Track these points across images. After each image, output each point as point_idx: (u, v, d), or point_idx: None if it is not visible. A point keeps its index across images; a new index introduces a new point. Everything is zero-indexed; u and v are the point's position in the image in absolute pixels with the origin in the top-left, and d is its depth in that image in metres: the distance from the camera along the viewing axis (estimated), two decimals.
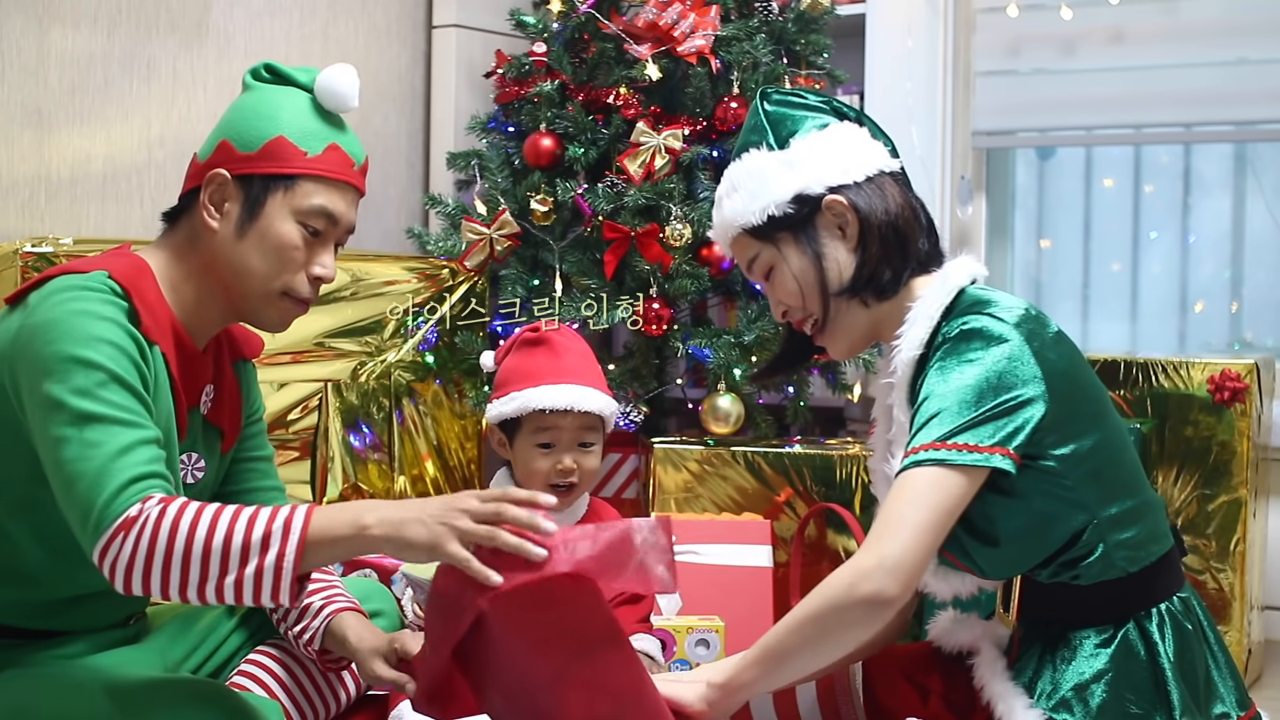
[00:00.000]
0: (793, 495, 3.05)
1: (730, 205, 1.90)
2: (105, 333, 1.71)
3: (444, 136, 3.74)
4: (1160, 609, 1.77)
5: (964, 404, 1.69)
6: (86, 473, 1.62)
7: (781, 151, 1.87)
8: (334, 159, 1.88)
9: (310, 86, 1.90)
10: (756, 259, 1.91)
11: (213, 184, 1.85)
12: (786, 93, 1.94)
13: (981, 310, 1.76)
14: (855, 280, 1.85)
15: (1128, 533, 1.75)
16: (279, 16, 3.46)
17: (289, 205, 1.85)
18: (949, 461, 1.66)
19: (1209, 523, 2.88)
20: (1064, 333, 1.81)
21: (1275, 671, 3.13)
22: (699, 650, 2.68)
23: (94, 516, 1.60)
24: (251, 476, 2.08)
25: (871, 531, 1.68)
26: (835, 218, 1.85)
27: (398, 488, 3.20)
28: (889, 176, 1.88)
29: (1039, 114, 3.75)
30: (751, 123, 1.92)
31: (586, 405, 2.16)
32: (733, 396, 3.18)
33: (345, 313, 3.16)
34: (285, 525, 1.60)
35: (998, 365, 1.70)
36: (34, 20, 2.96)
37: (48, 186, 2.99)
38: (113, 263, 1.82)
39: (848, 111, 1.93)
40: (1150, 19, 3.57)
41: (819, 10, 3.37)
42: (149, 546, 1.59)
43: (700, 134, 3.27)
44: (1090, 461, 1.74)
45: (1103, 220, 3.97)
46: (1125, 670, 1.74)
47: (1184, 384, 2.89)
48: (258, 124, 1.86)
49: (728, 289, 3.35)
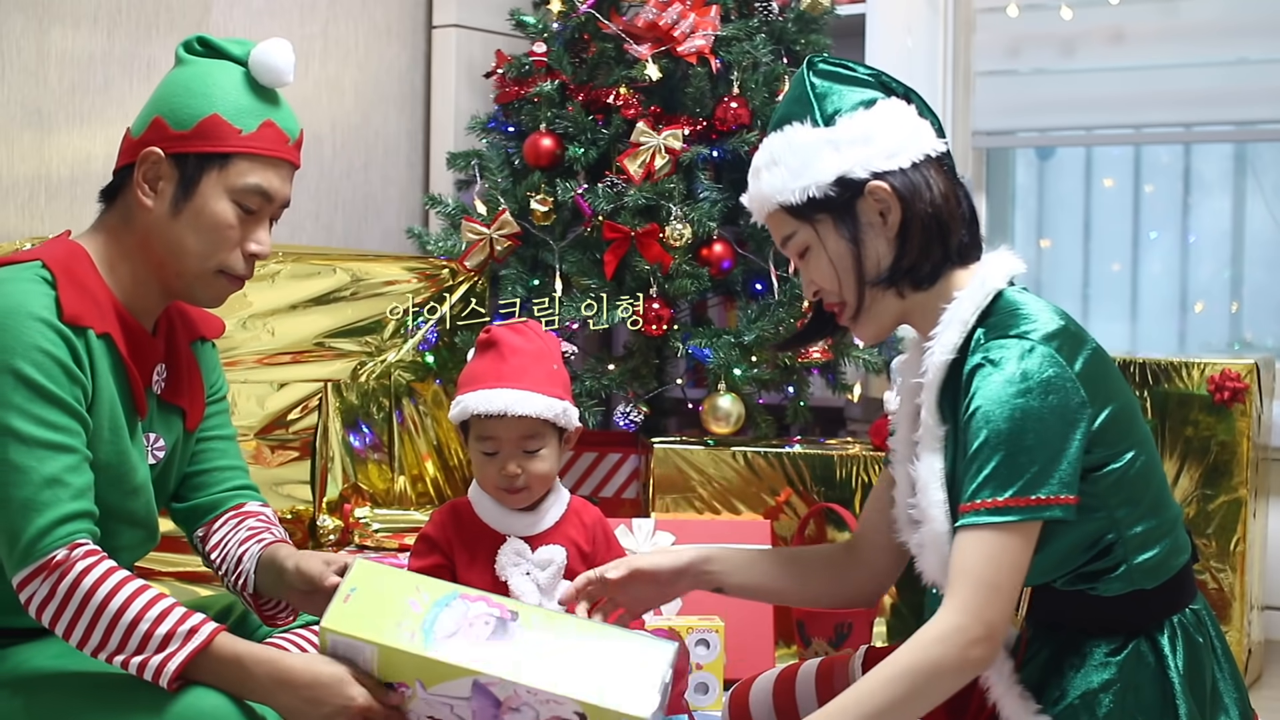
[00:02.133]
0: (793, 495, 3.05)
1: (769, 179, 1.83)
2: (37, 338, 1.73)
3: (444, 136, 3.75)
4: (1173, 621, 1.75)
5: (1026, 450, 1.66)
6: (14, 499, 1.70)
7: (826, 129, 1.80)
8: (268, 136, 1.86)
9: (244, 59, 1.88)
10: (792, 237, 1.84)
11: (146, 162, 1.84)
12: (834, 62, 1.86)
13: (1019, 331, 1.71)
14: (894, 270, 1.79)
15: (1150, 551, 1.74)
16: (279, 16, 3.46)
17: (224, 184, 1.84)
18: (1026, 519, 1.66)
19: (1209, 523, 2.88)
20: (1100, 347, 1.77)
21: (1275, 671, 3.13)
22: (699, 650, 2.68)
23: (20, 547, 1.70)
24: (212, 456, 2.06)
25: (967, 594, 1.66)
26: (878, 204, 1.79)
27: (398, 488, 3.20)
28: (934, 161, 1.81)
29: (1039, 114, 3.75)
30: (795, 93, 1.84)
31: (521, 409, 2.09)
32: (733, 396, 3.17)
33: (345, 313, 3.16)
34: (189, 632, 1.72)
35: (1046, 401, 1.67)
36: (34, 20, 2.96)
37: (48, 186, 2.99)
38: (48, 251, 1.83)
39: (895, 86, 1.85)
40: (1150, 19, 3.57)
41: (819, 10, 3.37)
42: (64, 597, 1.70)
43: (700, 134, 3.27)
44: (1126, 479, 1.73)
45: (1103, 220, 3.97)
46: (1133, 682, 1.72)
47: (1184, 384, 2.89)
48: (191, 101, 1.84)
49: (728, 289, 3.35)
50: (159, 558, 2.64)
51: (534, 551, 2.12)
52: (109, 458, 1.83)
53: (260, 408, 3.03)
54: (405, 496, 3.20)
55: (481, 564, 2.13)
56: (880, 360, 3.24)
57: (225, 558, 2.00)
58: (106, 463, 1.83)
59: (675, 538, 2.91)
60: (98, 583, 1.70)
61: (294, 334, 3.09)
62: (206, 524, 2.05)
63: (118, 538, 1.87)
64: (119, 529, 1.87)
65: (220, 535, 2.02)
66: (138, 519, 1.92)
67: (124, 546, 1.90)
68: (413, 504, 3.19)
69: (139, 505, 1.91)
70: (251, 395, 3.02)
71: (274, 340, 3.05)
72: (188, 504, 2.05)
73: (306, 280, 3.10)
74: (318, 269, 3.13)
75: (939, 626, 1.65)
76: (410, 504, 3.19)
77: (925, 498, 1.77)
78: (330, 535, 3.03)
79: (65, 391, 1.74)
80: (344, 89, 3.64)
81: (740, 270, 3.28)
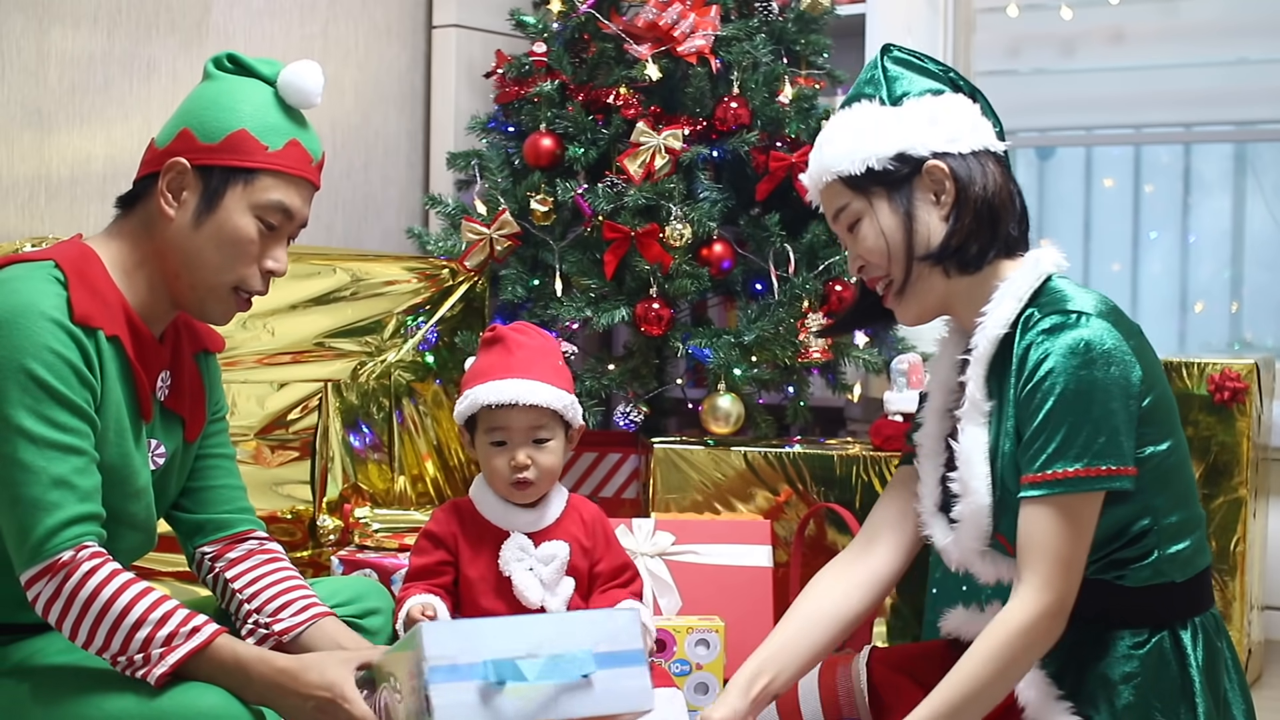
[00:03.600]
0: (793, 495, 3.05)
1: (831, 150, 1.88)
2: (49, 338, 1.74)
3: (444, 136, 3.75)
4: (1196, 621, 1.77)
5: (1093, 421, 1.70)
6: (24, 498, 1.72)
7: (893, 107, 1.87)
8: (294, 154, 1.88)
9: (273, 79, 1.90)
10: (846, 208, 1.89)
11: (171, 171, 1.85)
12: (908, 52, 1.93)
13: (1074, 308, 1.75)
14: (943, 248, 1.83)
15: (1181, 543, 1.76)
16: (279, 16, 3.46)
17: (248, 199, 1.86)
18: (1096, 489, 1.70)
19: (1209, 523, 2.88)
20: (1144, 335, 1.82)
21: (1275, 671, 3.13)
22: (699, 650, 2.68)
23: (29, 545, 1.72)
24: (217, 473, 2.08)
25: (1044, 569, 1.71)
26: (933, 183, 1.84)
27: (398, 488, 3.20)
28: (992, 156, 1.87)
29: (1039, 114, 3.75)
30: (868, 75, 1.92)
31: (532, 399, 2.14)
32: (733, 396, 3.17)
33: (345, 313, 3.16)
34: (190, 633, 1.75)
35: (1109, 373, 1.71)
36: (34, 20, 2.96)
37: (48, 186, 2.99)
38: (60, 252, 1.84)
39: (964, 85, 1.93)
40: (1150, 19, 3.58)
41: (819, 10, 3.37)
42: (69, 597, 1.72)
43: (700, 134, 3.27)
44: (1164, 466, 1.75)
45: (1103, 220, 3.97)
46: (1155, 676, 1.74)
47: (1184, 384, 2.89)
48: (220, 115, 1.86)
49: (728, 289, 3.35)
50: (159, 558, 2.64)
51: (537, 547, 2.15)
52: (114, 459, 1.84)
53: (260, 408, 3.03)
54: (405, 496, 3.21)
55: (485, 559, 2.15)
56: (880, 360, 3.24)
57: (254, 596, 2.01)
58: (111, 464, 1.83)
59: (675, 537, 2.91)
60: (102, 584, 1.72)
61: (294, 334, 3.09)
62: (217, 543, 2.07)
63: (118, 540, 1.88)
64: (120, 531, 1.88)
65: (246, 569, 2.04)
66: (138, 522, 1.93)
67: (124, 549, 1.92)
68: (413, 504, 3.19)
69: (140, 509, 1.92)
70: (251, 395, 3.02)
71: (274, 340, 3.05)
72: (195, 516, 2.07)
73: (306, 280, 3.10)
74: (318, 269, 3.13)
75: (1023, 608, 1.71)
76: (410, 504, 3.19)
77: (969, 470, 1.80)
78: (330, 535, 3.04)
79: (76, 393, 1.76)
80: (344, 89, 3.64)
81: (740, 270, 3.28)
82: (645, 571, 2.86)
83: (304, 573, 2.95)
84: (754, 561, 2.93)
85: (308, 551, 3.03)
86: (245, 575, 2.03)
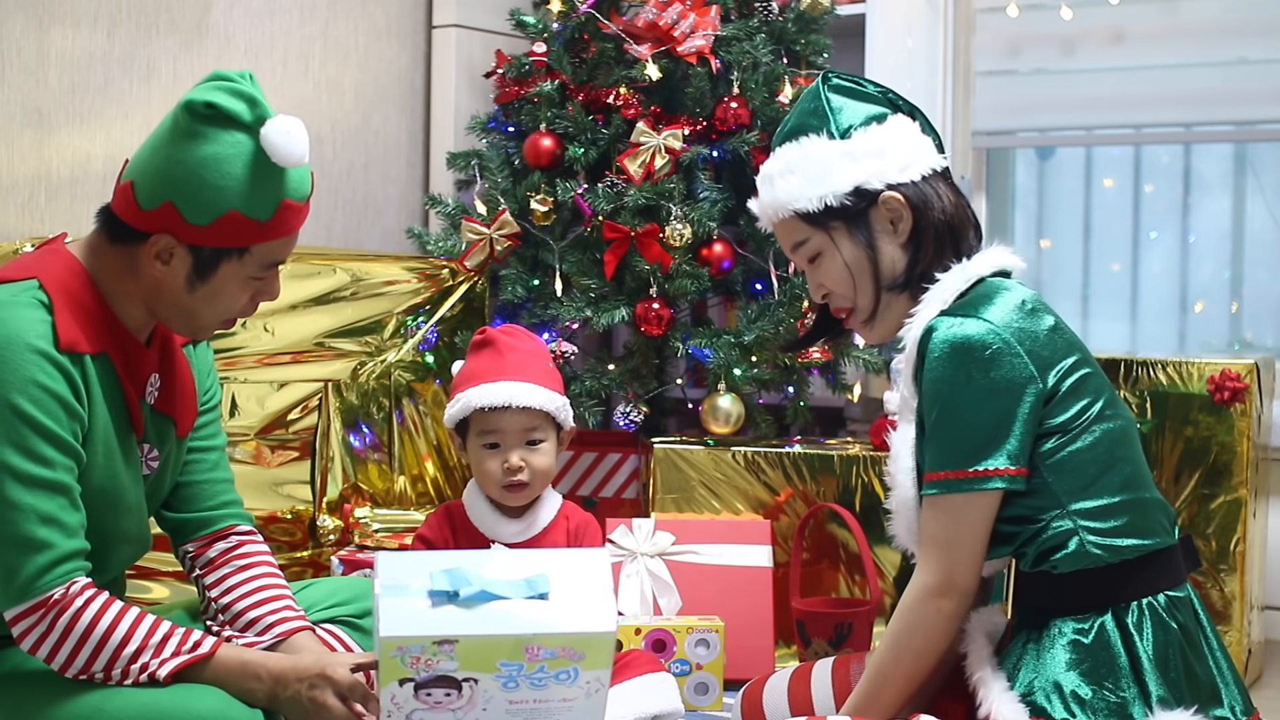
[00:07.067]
0: (793, 495, 3.05)
1: (785, 186, 1.93)
2: (35, 372, 1.73)
3: (444, 136, 3.74)
4: (1140, 604, 1.80)
5: (967, 424, 1.78)
6: (10, 536, 1.72)
7: (843, 141, 1.92)
8: (285, 218, 1.83)
9: (254, 125, 1.79)
10: (805, 243, 1.95)
11: (159, 244, 1.81)
12: (847, 78, 1.99)
13: (972, 312, 1.81)
14: (908, 275, 1.91)
15: (1105, 524, 1.80)
16: (279, 16, 3.46)
17: (243, 271, 1.85)
18: (972, 489, 1.79)
19: (1209, 523, 2.88)
20: (1061, 326, 1.86)
21: (1275, 671, 3.13)
22: (699, 650, 2.68)
23: (16, 584, 1.72)
24: (202, 467, 2.07)
25: (928, 554, 1.82)
26: (889, 212, 1.91)
27: (398, 488, 3.20)
28: (939, 175, 1.95)
29: (1039, 114, 3.75)
30: (811, 106, 1.96)
31: (524, 401, 2.15)
32: (733, 396, 3.17)
33: (345, 313, 3.16)
34: (194, 645, 1.78)
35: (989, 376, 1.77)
36: (34, 20, 2.96)
37: (48, 186, 2.99)
38: (45, 268, 1.81)
39: (901, 104, 1.98)
40: (1150, 19, 3.57)
41: (819, 10, 3.37)
42: (63, 631, 1.73)
43: (700, 134, 3.27)
44: (1079, 457, 1.80)
45: (1103, 220, 3.97)
46: (1102, 659, 1.77)
47: (1184, 384, 2.89)
48: (206, 195, 1.77)
49: (728, 289, 3.35)
50: (158, 558, 2.63)
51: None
52: (103, 482, 1.84)
53: (260, 408, 3.03)
54: (405, 496, 3.21)
55: None
56: (880, 360, 3.24)
57: (226, 608, 2.00)
58: (100, 487, 1.83)
59: (675, 537, 2.91)
60: (98, 616, 1.74)
61: (294, 334, 3.09)
62: (197, 542, 2.07)
63: (112, 555, 1.89)
64: (113, 547, 1.89)
65: (220, 577, 2.03)
66: (130, 536, 1.94)
67: (117, 561, 1.93)
68: (413, 504, 3.19)
69: (131, 524, 1.93)
70: (251, 395, 3.02)
71: (274, 340, 3.05)
72: (179, 516, 2.06)
73: (306, 280, 3.10)
74: (318, 269, 3.13)
75: (910, 589, 1.83)
76: (410, 504, 3.19)
77: (895, 464, 1.90)
78: (330, 535, 3.04)
79: (63, 427, 1.75)
80: (344, 89, 3.64)
81: (740, 270, 3.28)
82: (645, 571, 2.86)
83: (304, 573, 2.98)
84: (754, 561, 2.93)
85: (308, 551, 3.03)
86: (220, 585, 2.02)
